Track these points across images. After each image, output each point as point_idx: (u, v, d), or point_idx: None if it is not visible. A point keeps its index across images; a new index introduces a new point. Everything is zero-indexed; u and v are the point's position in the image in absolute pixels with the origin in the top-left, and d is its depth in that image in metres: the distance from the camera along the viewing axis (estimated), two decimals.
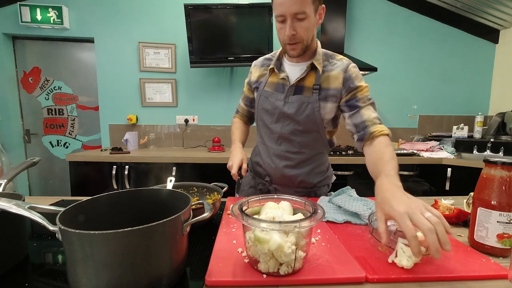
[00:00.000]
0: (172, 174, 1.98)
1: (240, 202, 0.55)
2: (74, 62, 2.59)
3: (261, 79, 1.02)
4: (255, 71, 1.05)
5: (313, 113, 0.91)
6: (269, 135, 1.00)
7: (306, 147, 0.97)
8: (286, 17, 0.79)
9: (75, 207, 0.47)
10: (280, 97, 0.94)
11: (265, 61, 1.03)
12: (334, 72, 0.90)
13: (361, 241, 0.63)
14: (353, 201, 0.79)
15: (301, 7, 0.76)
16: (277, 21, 0.82)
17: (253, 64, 1.07)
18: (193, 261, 0.56)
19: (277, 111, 0.95)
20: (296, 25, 0.80)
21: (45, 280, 0.49)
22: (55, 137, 2.67)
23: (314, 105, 0.90)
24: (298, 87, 0.92)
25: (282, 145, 0.98)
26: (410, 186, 2.09)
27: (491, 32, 2.63)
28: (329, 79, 0.90)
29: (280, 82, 0.95)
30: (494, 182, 0.57)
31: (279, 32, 0.85)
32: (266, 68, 1.01)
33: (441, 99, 2.72)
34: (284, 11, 0.78)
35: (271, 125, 0.98)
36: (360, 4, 2.56)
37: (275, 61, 0.97)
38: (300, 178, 0.99)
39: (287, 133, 0.95)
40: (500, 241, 0.56)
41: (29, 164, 0.75)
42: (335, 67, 0.91)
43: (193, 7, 2.20)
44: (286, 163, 0.98)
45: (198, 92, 2.58)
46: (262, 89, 0.99)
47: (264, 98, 0.98)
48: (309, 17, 0.79)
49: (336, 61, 0.92)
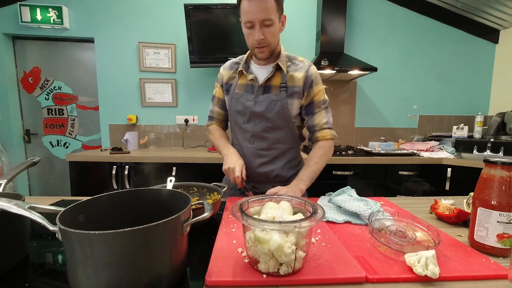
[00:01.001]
0: (172, 174, 1.98)
1: (240, 202, 0.55)
2: (74, 62, 2.59)
3: (231, 81, 1.07)
4: (225, 74, 1.09)
5: (282, 110, 0.99)
6: (242, 134, 1.06)
7: (278, 143, 1.04)
8: (254, 23, 0.88)
9: (75, 207, 0.47)
10: (250, 97, 1.01)
11: (233, 65, 1.08)
12: (297, 72, 0.99)
13: (361, 241, 0.63)
14: (353, 201, 0.79)
15: (268, 15, 0.86)
16: (246, 27, 0.91)
17: (221, 67, 1.12)
18: (193, 261, 0.56)
19: (248, 110, 1.01)
20: (264, 30, 0.89)
21: (45, 280, 0.49)
22: (55, 137, 2.67)
23: (283, 102, 0.98)
24: (266, 87, 1.00)
25: (255, 143, 1.04)
26: (410, 186, 2.09)
27: (491, 32, 2.63)
28: (293, 78, 0.99)
29: (249, 83, 1.02)
30: (494, 182, 0.57)
31: (247, 37, 0.93)
32: (234, 71, 1.07)
33: (441, 99, 2.72)
34: (252, 18, 0.86)
35: (244, 125, 1.04)
36: (360, 4, 2.56)
37: (243, 64, 1.03)
38: (275, 173, 1.06)
39: (259, 131, 1.02)
40: (500, 241, 0.56)
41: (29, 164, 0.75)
42: (298, 67, 1.00)
43: (193, 7, 2.20)
44: (260, 160, 1.05)
45: (198, 92, 2.58)
46: (233, 91, 1.05)
47: (235, 100, 1.04)
48: (274, 24, 0.89)
49: (298, 62, 1.02)
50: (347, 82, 2.64)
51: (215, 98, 1.14)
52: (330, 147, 1.03)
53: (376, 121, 2.71)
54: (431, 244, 0.55)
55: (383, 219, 0.66)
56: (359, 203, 0.77)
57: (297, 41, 2.57)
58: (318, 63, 2.13)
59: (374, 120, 2.70)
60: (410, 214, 0.76)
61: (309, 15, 2.55)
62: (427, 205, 0.89)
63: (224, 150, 1.04)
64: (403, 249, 0.54)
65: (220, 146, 1.08)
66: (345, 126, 2.69)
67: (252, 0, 0.84)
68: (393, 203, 0.92)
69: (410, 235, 0.59)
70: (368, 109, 2.69)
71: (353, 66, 2.17)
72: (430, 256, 0.48)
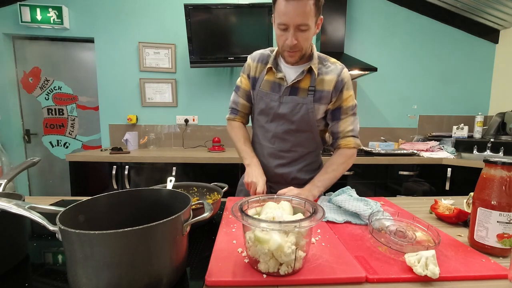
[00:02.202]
0: (172, 174, 1.98)
1: (240, 202, 0.55)
2: (74, 62, 2.59)
3: (258, 75, 1.01)
4: (253, 65, 1.02)
5: (307, 114, 0.94)
6: (263, 133, 1.02)
7: (299, 146, 1.00)
8: (289, 26, 0.81)
9: (75, 207, 0.47)
10: (274, 97, 0.96)
11: (262, 57, 1.01)
12: (328, 75, 0.93)
13: (361, 241, 0.63)
14: (353, 201, 0.79)
15: (305, 20, 0.79)
16: (279, 28, 0.83)
17: (249, 57, 1.04)
18: (193, 261, 0.56)
19: (272, 111, 0.97)
20: (298, 35, 0.82)
21: (45, 280, 0.49)
22: (55, 137, 2.67)
23: (309, 106, 0.93)
24: (294, 88, 0.95)
25: (275, 144, 1.01)
26: (410, 186, 2.09)
27: (491, 32, 2.63)
28: (323, 81, 0.93)
29: (276, 81, 0.96)
30: (494, 182, 0.57)
31: (279, 38, 0.87)
32: (263, 64, 1.00)
33: (441, 99, 2.72)
34: (288, 21, 0.80)
35: (266, 124, 1.00)
36: (360, 4, 2.56)
37: (273, 60, 0.97)
38: (292, 175, 1.03)
39: (280, 133, 0.98)
40: (500, 241, 0.56)
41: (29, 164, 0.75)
42: (329, 70, 0.94)
43: (193, 7, 2.20)
44: (279, 161, 1.02)
45: (198, 92, 2.58)
46: (259, 87, 0.99)
47: (260, 98, 0.99)
48: (310, 28, 0.82)
49: (330, 64, 0.95)
50: None
51: (241, 89, 1.05)
52: (352, 156, 0.97)
53: (376, 121, 2.71)
54: (431, 244, 0.55)
55: (383, 219, 0.66)
56: (359, 203, 0.77)
57: None
58: None
59: (374, 120, 2.70)
60: (410, 214, 0.76)
61: None
62: (427, 205, 0.89)
63: (247, 159, 0.99)
64: (403, 249, 0.54)
65: (243, 152, 1.02)
66: None
67: (290, 2, 0.76)
68: (393, 203, 0.92)
69: (410, 235, 0.59)
70: (368, 109, 2.69)
71: (353, 66, 2.17)
72: (430, 256, 0.48)
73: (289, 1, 0.77)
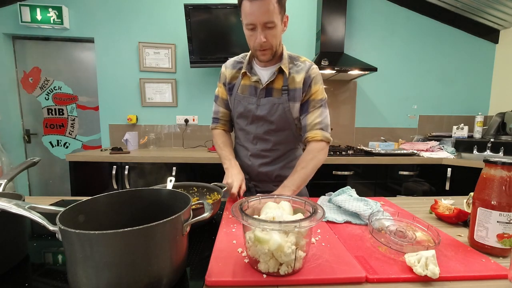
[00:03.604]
0: (172, 174, 1.98)
1: (240, 202, 0.55)
2: (74, 62, 2.59)
3: (234, 81, 1.05)
4: (228, 73, 1.06)
5: (284, 113, 0.98)
6: (245, 136, 1.06)
7: (280, 144, 1.04)
8: (256, 25, 0.85)
9: (75, 207, 0.47)
10: (252, 100, 1.00)
11: (235, 64, 1.06)
12: (298, 74, 0.97)
13: (361, 241, 0.63)
14: (353, 201, 0.79)
15: (270, 17, 0.83)
16: (247, 29, 0.88)
17: (223, 66, 1.09)
18: (193, 261, 0.55)
19: (250, 113, 1.00)
20: (266, 33, 0.86)
21: (45, 280, 0.49)
22: (55, 137, 2.67)
23: (285, 105, 0.97)
24: (269, 89, 0.98)
25: (258, 145, 1.04)
26: (410, 186, 2.09)
27: (491, 32, 2.63)
28: (294, 80, 0.97)
29: (252, 84, 1.00)
30: (494, 182, 0.57)
31: (249, 39, 0.91)
32: (237, 70, 1.04)
33: (441, 99, 2.72)
34: (254, 20, 0.84)
35: (246, 126, 1.04)
36: (360, 4, 2.56)
37: (246, 64, 1.01)
38: (276, 173, 1.06)
39: (261, 133, 1.02)
40: (500, 241, 0.56)
41: (29, 164, 0.75)
42: (300, 69, 0.98)
43: (193, 7, 2.20)
44: (262, 161, 1.05)
45: (198, 92, 2.58)
46: (236, 92, 1.03)
47: (238, 102, 1.03)
48: (277, 26, 0.86)
49: (300, 63, 0.99)
50: (347, 82, 2.64)
51: (219, 98, 1.10)
52: (321, 149, 0.95)
53: (376, 121, 2.71)
54: (431, 244, 0.55)
55: (383, 219, 0.66)
56: (359, 203, 0.77)
57: (297, 41, 2.57)
58: (318, 63, 2.13)
59: (374, 120, 2.70)
60: (410, 214, 0.76)
61: (309, 15, 2.55)
62: (427, 205, 0.89)
63: (226, 163, 1.01)
64: (403, 249, 0.54)
65: (222, 157, 1.04)
66: (345, 126, 2.69)
67: (254, 2, 0.81)
68: (393, 203, 0.92)
69: (410, 235, 0.59)
70: (368, 109, 2.69)
71: (353, 66, 2.17)
72: (430, 256, 0.48)
73: (253, 1, 0.81)
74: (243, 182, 0.93)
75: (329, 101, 1.03)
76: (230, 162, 1.00)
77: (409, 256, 0.51)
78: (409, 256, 0.51)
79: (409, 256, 0.51)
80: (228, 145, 1.08)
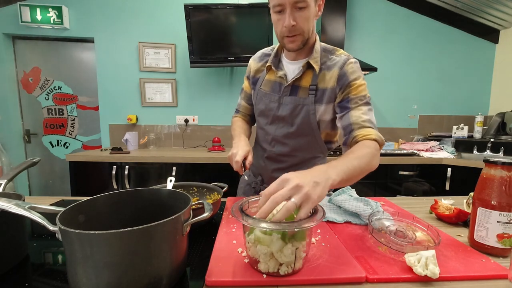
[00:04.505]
0: (172, 174, 1.98)
1: (240, 202, 0.55)
2: (74, 62, 2.59)
3: (258, 74, 0.97)
4: (253, 66, 1.00)
5: (307, 116, 0.86)
6: (264, 136, 0.98)
7: (299, 151, 0.93)
8: (285, 6, 0.73)
9: (75, 207, 0.47)
10: (274, 98, 0.90)
11: (263, 56, 0.98)
12: (330, 70, 0.83)
13: (361, 241, 0.63)
14: (353, 201, 0.79)
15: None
16: (275, 11, 0.76)
17: (251, 58, 1.02)
18: (193, 261, 0.55)
19: (271, 113, 0.92)
20: (296, 15, 0.74)
21: (45, 280, 0.49)
22: (55, 137, 2.67)
23: (309, 107, 0.85)
24: (294, 87, 0.88)
25: (275, 147, 0.95)
26: (410, 186, 2.09)
27: (491, 32, 2.63)
28: (325, 78, 0.84)
29: (277, 80, 0.91)
30: (494, 182, 0.57)
31: (276, 24, 0.79)
32: (263, 63, 0.96)
33: (441, 99, 2.72)
34: (283, 0, 0.72)
35: (266, 126, 0.96)
36: (360, 4, 2.56)
37: (273, 58, 0.92)
38: None
39: (280, 136, 0.92)
40: (500, 241, 0.56)
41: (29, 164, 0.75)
42: (333, 63, 0.84)
43: (193, 7, 2.20)
44: (277, 165, 0.96)
45: (198, 92, 2.58)
46: (259, 87, 0.95)
47: (260, 98, 0.95)
48: (309, 6, 0.74)
49: (335, 57, 0.85)
50: None
51: (243, 92, 1.05)
52: (377, 150, 0.74)
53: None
54: (431, 244, 0.55)
55: (383, 219, 0.66)
56: (359, 203, 0.77)
57: None
58: None
59: None
60: (410, 214, 0.76)
61: None
62: (427, 205, 0.89)
63: (235, 138, 0.92)
64: (403, 249, 0.54)
65: (233, 136, 0.96)
66: None
67: None
68: (393, 203, 0.92)
69: (410, 235, 0.59)
70: None
71: None
72: (430, 256, 0.48)
73: None
74: (250, 154, 0.84)
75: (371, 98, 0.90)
76: (239, 138, 0.91)
77: (409, 256, 0.51)
78: (409, 256, 0.51)
79: (409, 256, 0.51)
80: (242, 127, 1.00)
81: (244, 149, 0.83)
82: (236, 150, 0.84)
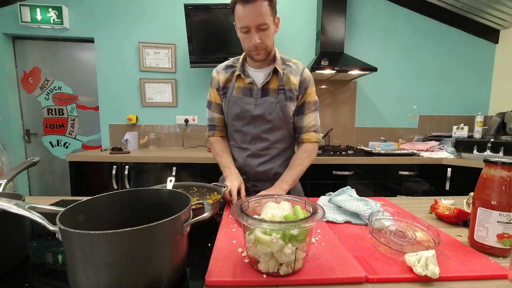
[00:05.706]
0: (172, 174, 1.98)
1: (240, 202, 0.55)
2: (74, 62, 2.59)
3: (228, 84, 1.06)
4: (221, 77, 1.07)
5: (281, 112, 1.01)
6: (241, 137, 1.07)
7: (277, 143, 1.07)
8: (250, 28, 0.89)
9: (75, 207, 0.47)
10: (249, 100, 1.02)
11: (227, 68, 1.08)
12: (292, 75, 1.02)
13: (361, 241, 0.63)
14: (353, 201, 0.79)
15: (263, 19, 0.87)
16: (242, 32, 0.92)
17: (214, 71, 1.09)
18: (193, 261, 0.56)
19: (248, 114, 1.02)
20: (260, 34, 0.90)
21: (45, 280, 0.49)
22: (55, 137, 2.67)
23: (282, 104, 1.00)
24: (265, 90, 1.02)
25: (256, 144, 1.06)
26: (410, 186, 2.09)
27: (491, 32, 2.63)
28: (289, 80, 1.01)
29: (247, 86, 1.03)
30: (494, 182, 0.57)
31: (243, 41, 0.95)
32: (231, 74, 1.06)
33: (441, 99, 2.72)
34: (248, 23, 0.88)
35: (243, 128, 1.05)
36: (360, 4, 2.56)
37: (240, 67, 1.03)
38: (274, 171, 1.08)
39: (259, 133, 1.04)
40: (500, 241, 0.56)
41: (29, 164, 0.75)
42: (293, 70, 1.03)
43: (193, 7, 2.20)
44: (260, 160, 1.07)
45: (198, 92, 2.58)
46: (230, 94, 1.04)
47: (233, 103, 1.04)
48: (270, 27, 0.90)
49: (292, 64, 1.04)
50: (347, 82, 2.64)
51: (213, 104, 1.12)
52: (314, 149, 1.06)
53: (376, 121, 2.71)
54: (431, 244, 0.55)
55: (383, 219, 0.66)
56: (359, 203, 0.77)
57: (297, 41, 2.57)
58: (318, 63, 2.13)
59: (374, 120, 2.70)
60: (410, 214, 0.76)
61: (309, 15, 2.55)
62: (427, 205, 0.89)
63: (226, 171, 1.03)
64: (403, 249, 0.54)
65: (221, 165, 1.06)
66: (345, 126, 2.69)
67: (247, 6, 0.85)
68: (393, 203, 0.92)
69: (410, 235, 0.59)
70: (368, 109, 2.69)
71: (353, 66, 2.17)
72: (430, 256, 0.48)
73: (246, 5, 0.85)
74: (242, 186, 0.96)
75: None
76: (230, 170, 1.02)
77: (409, 256, 0.51)
78: (409, 256, 0.51)
79: (409, 256, 0.51)
80: (226, 152, 1.10)
81: (237, 182, 0.96)
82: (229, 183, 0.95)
